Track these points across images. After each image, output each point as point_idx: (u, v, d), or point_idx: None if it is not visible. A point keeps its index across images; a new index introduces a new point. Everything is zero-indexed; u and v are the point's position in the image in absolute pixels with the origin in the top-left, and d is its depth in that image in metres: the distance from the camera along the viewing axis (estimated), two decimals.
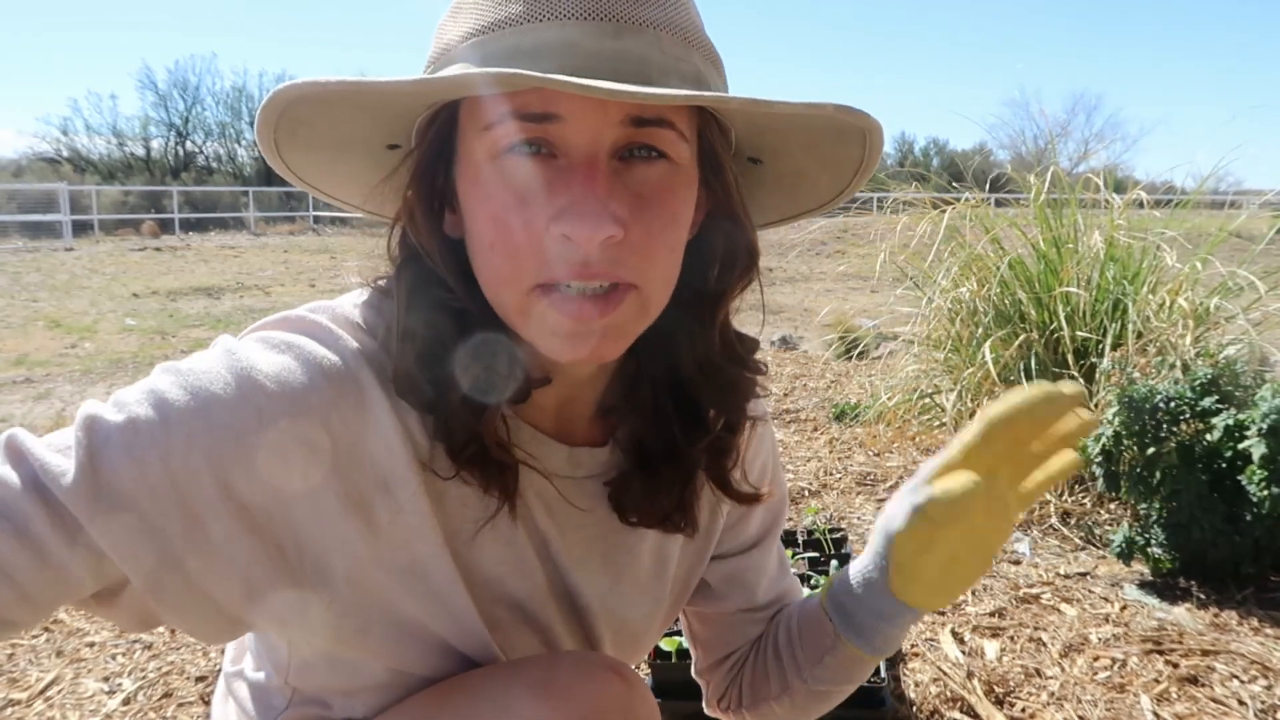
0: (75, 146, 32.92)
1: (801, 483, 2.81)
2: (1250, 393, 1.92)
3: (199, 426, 0.54)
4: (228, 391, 0.55)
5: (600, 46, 0.54)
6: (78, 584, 0.54)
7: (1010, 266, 2.97)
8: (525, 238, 0.56)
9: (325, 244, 18.46)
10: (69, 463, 0.52)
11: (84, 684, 1.68)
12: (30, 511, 0.52)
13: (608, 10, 0.55)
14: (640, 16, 0.56)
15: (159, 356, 6.45)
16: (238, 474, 0.54)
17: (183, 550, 0.54)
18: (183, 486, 0.53)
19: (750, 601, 0.88)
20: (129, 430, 0.53)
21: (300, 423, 0.56)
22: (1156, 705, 1.50)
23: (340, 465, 0.58)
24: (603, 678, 0.66)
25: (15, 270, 12.39)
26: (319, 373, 0.57)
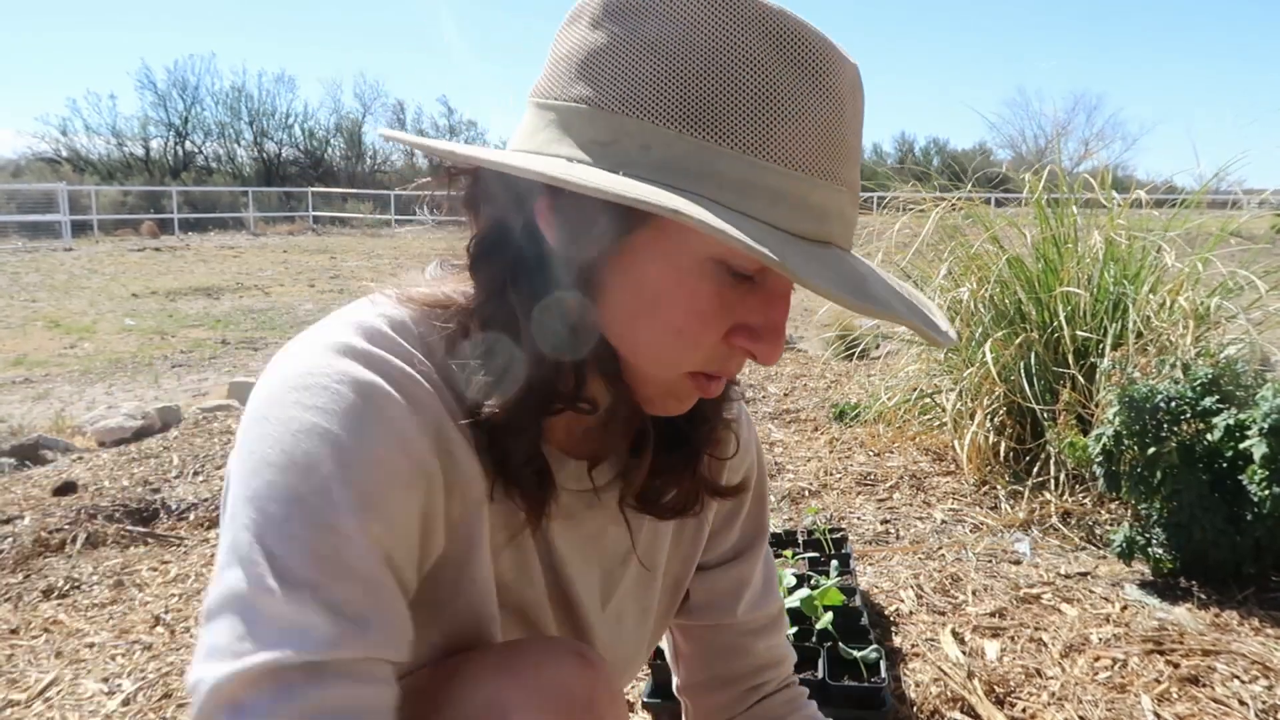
0: (74, 146, 32.97)
1: (802, 483, 2.81)
2: (1251, 392, 1.92)
3: (354, 486, 0.55)
4: (370, 482, 0.55)
5: (847, 214, 0.59)
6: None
7: (1009, 265, 2.97)
8: (712, 338, 0.60)
9: (325, 244, 18.45)
10: (307, 622, 0.52)
11: (83, 685, 1.67)
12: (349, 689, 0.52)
13: (844, 176, 0.58)
14: (853, 183, 0.59)
15: (158, 356, 6.44)
16: (395, 512, 0.57)
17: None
18: (383, 541, 0.56)
19: (731, 616, 0.90)
20: (324, 561, 0.53)
21: (414, 465, 0.58)
22: (1157, 705, 1.49)
23: (445, 492, 0.61)
24: (566, 660, 0.67)
25: (14, 270, 12.38)
26: (412, 429, 0.58)
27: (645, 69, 0.55)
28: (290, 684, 0.50)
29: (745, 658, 0.92)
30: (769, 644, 0.94)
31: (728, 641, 0.91)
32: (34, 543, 2.35)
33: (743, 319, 0.60)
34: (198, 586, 2.12)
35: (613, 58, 0.56)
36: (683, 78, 0.54)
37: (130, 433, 3.73)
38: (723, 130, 0.54)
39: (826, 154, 0.56)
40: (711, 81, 0.54)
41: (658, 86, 0.54)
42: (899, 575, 2.06)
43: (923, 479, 2.79)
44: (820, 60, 0.55)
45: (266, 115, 36.16)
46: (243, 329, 7.70)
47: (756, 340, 0.60)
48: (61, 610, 2.01)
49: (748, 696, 0.93)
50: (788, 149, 0.54)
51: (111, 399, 5.06)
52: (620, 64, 0.56)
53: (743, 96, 0.54)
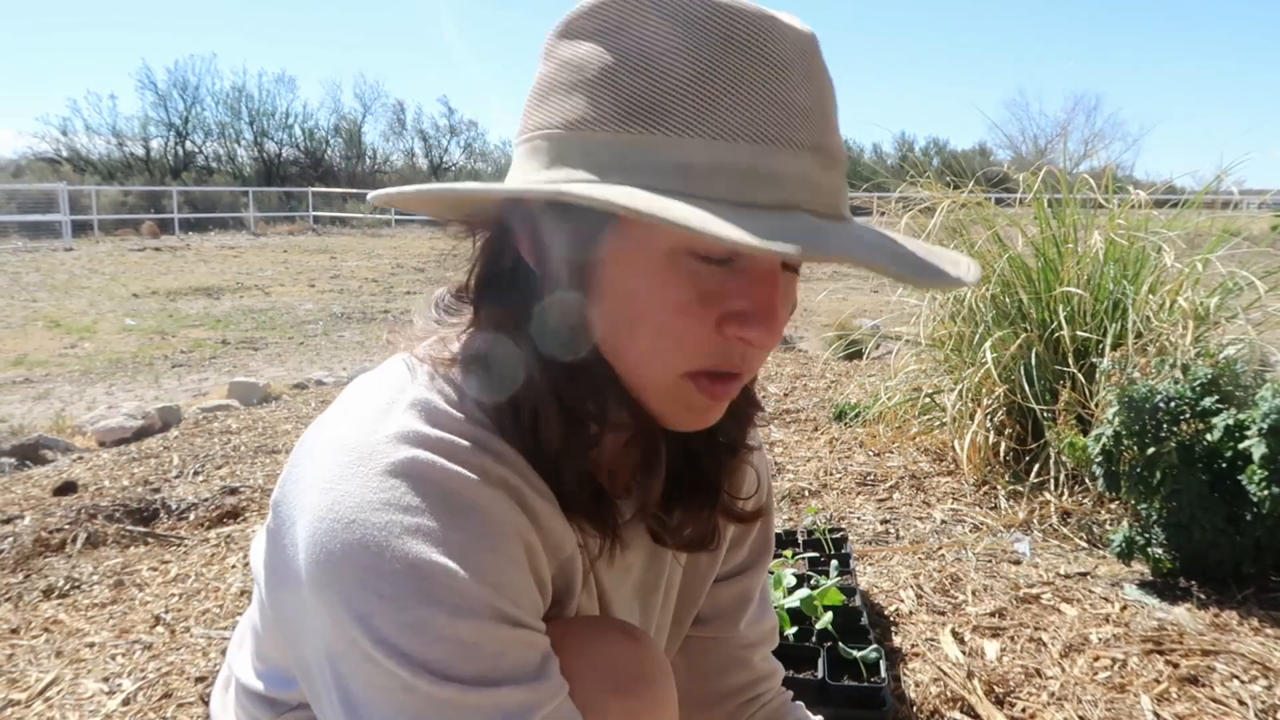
0: (75, 146, 32.91)
1: (801, 483, 2.81)
2: (1250, 392, 1.92)
3: (479, 599, 0.56)
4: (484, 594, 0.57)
5: (823, 181, 0.56)
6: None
7: (1010, 264, 2.97)
8: (698, 332, 0.58)
9: (325, 244, 18.45)
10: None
11: (83, 684, 1.67)
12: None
13: (821, 143, 0.56)
14: (837, 151, 0.58)
15: (158, 356, 6.44)
16: (514, 611, 0.59)
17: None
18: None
19: (733, 629, 0.91)
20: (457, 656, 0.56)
21: (520, 559, 0.60)
22: (1157, 705, 1.50)
23: (544, 555, 0.63)
24: (615, 635, 0.70)
25: (15, 270, 12.38)
26: (501, 525, 0.59)
27: (583, 87, 0.57)
28: None
29: (745, 671, 0.94)
30: (764, 656, 0.95)
31: (730, 655, 0.93)
32: (34, 542, 2.35)
33: (729, 306, 0.58)
34: (198, 586, 2.13)
35: (556, 85, 0.58)
36: (616, 81, 0.55)
37: (130, 432, 3.73)
38: (657, 119, 0.54)
39: (773, 120, 0.54)
40: (641, 77, 0.55)
41: (594, 99, 0.56)
42: (899, 575, 2.06)
43: (923, 479, 2.79)
44: (752, 31, 0.55)
45: (267, 115, 36.16)
46: (243, 329, 7.70)
47: (746, 324, 0.58)
48: (62, 610, 2.01)
49: (746, 709, 0.95)
50: (726, 122, 0.53)
51: (112, 399, 5.06)
52: (562, 88, 0.58)
53: (673, 82, 0.54)
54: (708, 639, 0.91)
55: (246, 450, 3.43)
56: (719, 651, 0.92)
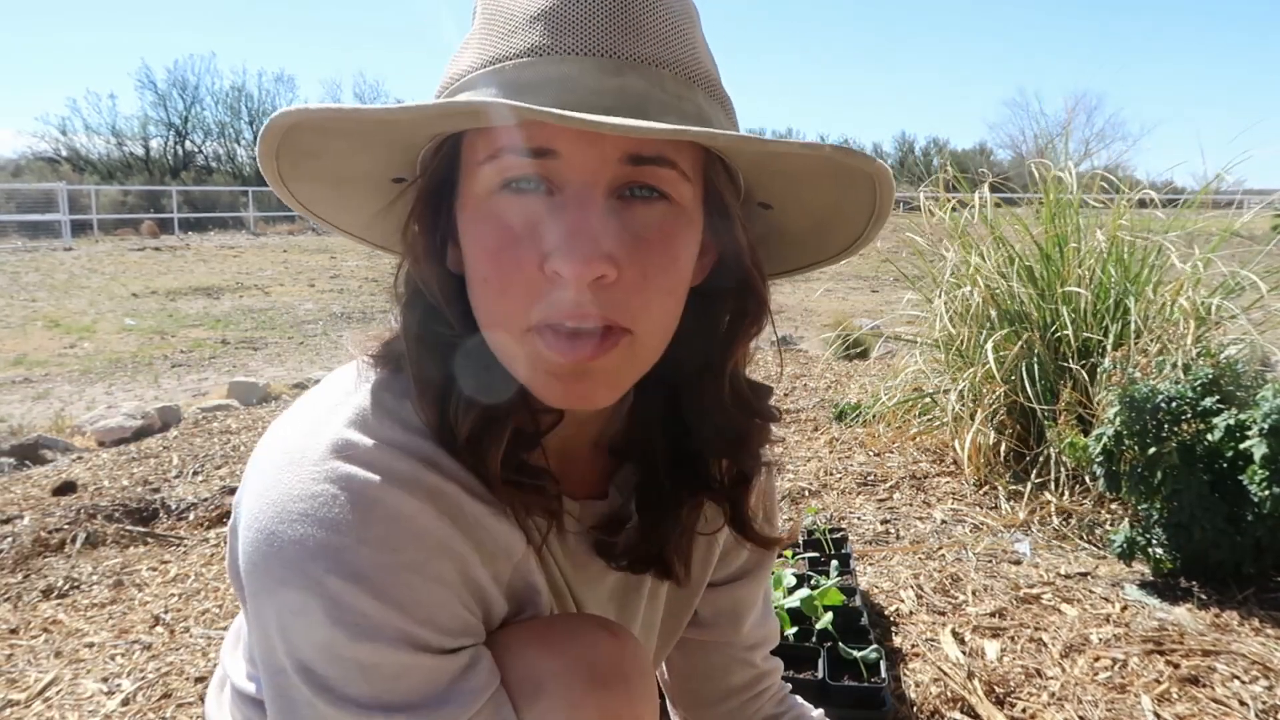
0: (74, 146, 32.91)
1: (802, 483, 2.81)
2: (1251, 393, 1.92)
3: (401, 610, 0.56)
4: (395, 585, 0.56)
5: (601, 83, 0.54)
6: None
7: (1012, 264, 2.97)
8: (519, 275, 0.55)
9: (324, 244, 18.45)
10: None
11: (83, 685, 1.67)
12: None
13: (609, 47, 0.55)
14: (642, 54, 0.56)
15: (158, 356, 6.44)
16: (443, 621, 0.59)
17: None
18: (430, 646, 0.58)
19: (735, 633, 0.91)
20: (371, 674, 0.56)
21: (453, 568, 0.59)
22: (1157, 706, 1.49)
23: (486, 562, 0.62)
24: (596, 632, 0.68)
25: (14, 270, 12.38)
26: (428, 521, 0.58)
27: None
28: None
29: (748, 669, 0.95)
30: (764, 654, 0.96)
31: (734, 656, 0.93)
32: (33, 542, 2.35)
33: (543, 240, 0.54)
34: (197, 586, 2.12)
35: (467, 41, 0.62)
36: (465, 42, 0.61)
37: (130, 432, 3.73)
38: (480, 57, 0.58)
39: (540, 34, 0.56)
40: (486, 27, 0.59)
41: (456, 57, 0.62)
42: (899, 575, 2.06)
43: (923, 479, 2.79)
44: None
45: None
46: (243, 329, 7.70)
47: (561, 255, 0.53)
48: (61, 610, 2.01)
49: (749, 705, 0.96)
50: (503, 46, 0.57)
51: (111, 399, 5.06)
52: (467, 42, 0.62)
53: (489, 16, 0.59)
54: (709, 642, 0.92)
55: (246, 450, 3.42)
56: (723, 653, 0.93)
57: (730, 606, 0.90)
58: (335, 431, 0.58)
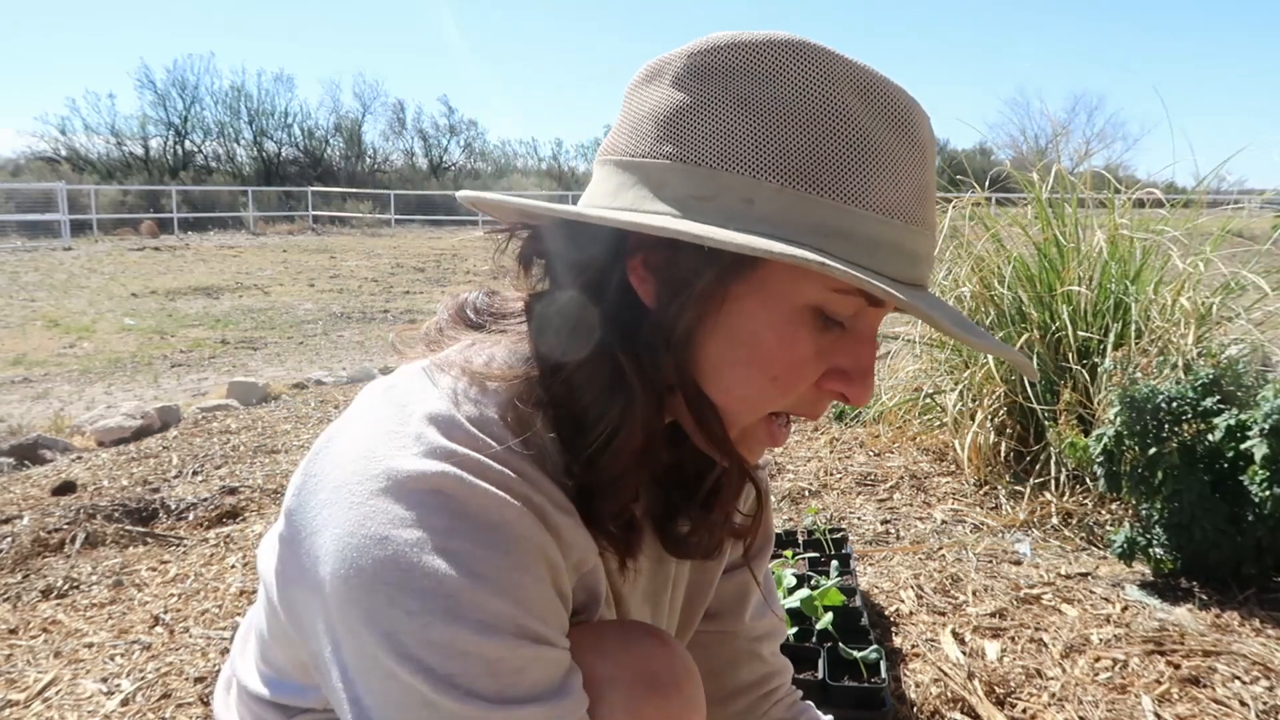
0: (73, 146, 32.90)
1: (802, 483, 2.81)
2: (1252, 393, 1.92)
3: (500, 616, 0.57)
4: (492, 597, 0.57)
5: (931, 257, 0.62)
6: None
7: (1011, 265, 2.97)
8: (807, 383, 0.63)
9: (324, 244, 18.45)
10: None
11: (82, 685, 1.67)
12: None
13: (932, 222, 0.61)
14: (936, 226, 0.63)
15: (157, 356, 6.44)
16: (538, 630, 0.59)
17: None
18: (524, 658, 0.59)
19: (739, 622, 0.92)
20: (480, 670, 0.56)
21: (544, 575, 0.60)
22: (1158, 706, 1.49)
23: (570, 572, 0.64)
24: (647, 640, 0.71)
25: (13, 270, 12.38)
26: (525, 542, 0.59)
27: (740, 126, 0.57)
28: None
29: (757, 664, 0.95)
30: (774, 650, 0.97)
31: (740, 648, 0.94)
32: (33, 542, 2.35)
33: (835, 363, 0.62)
34: (197, 587, 2.12)
35: (704, 115, 0.58)
36: (779, 133, 0.56)
37: (129, 432, 3.73)
38: (822, 183, 0.56)
39: (916, 201, 0.59)
40: (807, 136, 0.56)
41: (754, 142, 0.56)
42: (899, 575, 2.06)
43: (923, 479, 2.79)
44: (905, 112, 0.59)
45: (266, 114, 36.13)
46: (242, 329, 7.70)
47: (850, 383, 0.62)
48: (60, 610, 2.01)
49: (760, 704, 0.96)
50: (883, 198, 0.57)
51: (111, 398, 5.06)
52: (713, 121, 0.57)
53: (839, 149, 0.56)
54: (715, 633, 0.93)
55: (246, 450, 3.42)
56: (729, 645, 0.94)
57: (733, 592, 0.91)
58: (427, 437, 0.58)
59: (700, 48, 0.59)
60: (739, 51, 0.58)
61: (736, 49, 0.58)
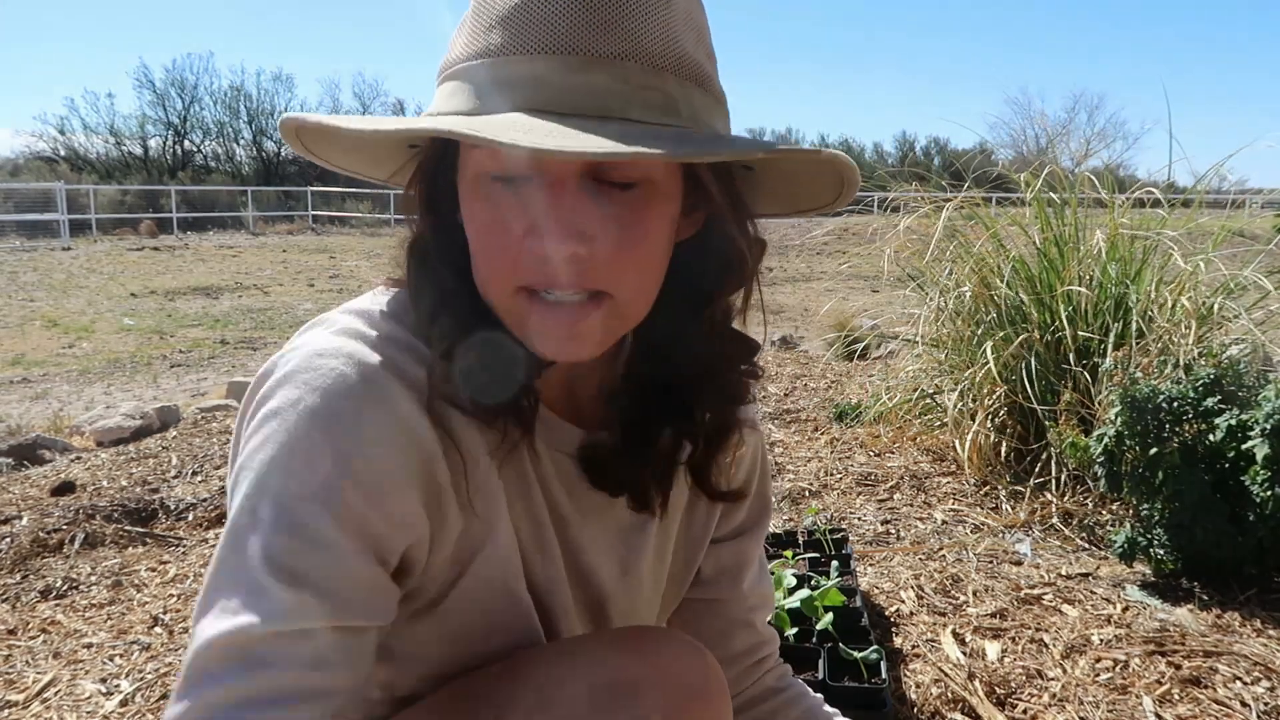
0: (72, 145, 32.86)
1: (802, 483, 2.80)
2: (1253, 393, 1.92)
3: (346, 490, 0.59)
4: (346, 454, 0.60)
5: (566, 80, 0.59)
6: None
7: (1011, 265, 2.97)
8: (505, 248, 0.62)
9: (324, 243, 18.44)
10: (269, 591, 0.57)
11: (81, 685, 1.67)
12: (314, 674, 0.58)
13: (576, 44, 0.59)
14: (607, 49, 0.59)
15: (157, 356, 6.43)
16: (394, 510, 0.61)
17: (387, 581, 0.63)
18: (372, 539, 0.61)
19: (734, 590, 0.93)
20: (298, 537, 0.58)
21: (412, 450, 0.62)
22: (1159, 707, 1.49)
23: (451, 466, 0.64)
24: (683, 646, 0.73)
25: (12, 269, 12.37)
26: (409, 410, 0.62)
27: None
28: (247, 660, 0.56)
29: (750, 633, 0.96)
30: (763, 617, 0.99)
31: (735, 617, 0.95)
32: (32, 543, 2.34)
33: (530, 220, 0.61)
34: (196, 587, 2.12)
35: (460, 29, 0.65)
36: (467, 23, 0.64)
37: (129, 432, 3.73)
38: (471, 51, 0.62)
39: (512, 32, 0.60)
40: (474, 12, 0.63)
41: (452, 40, 0.65)
42: (899, 576, 2.06)
43: (923, 479, 2.79)
44: None
45: (265, 114, 36.12)
46: (242, 329, 7.69)
47: (538, 237, 0.60)
48: (59, 610, 2.01)
49: (752, 672, 0.97)
50: (486, 43, 0.61)
51: (110, 399, 5.05)
52: (461, 32, 0.65)
53: (479, 12, 0.63)
54: (712, 600, 0.94)
55: None
56: (724, 614, 0.95)
57: (732, 562, 0.92)
58: (348, 321, 0.68)
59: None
60: None
61: None
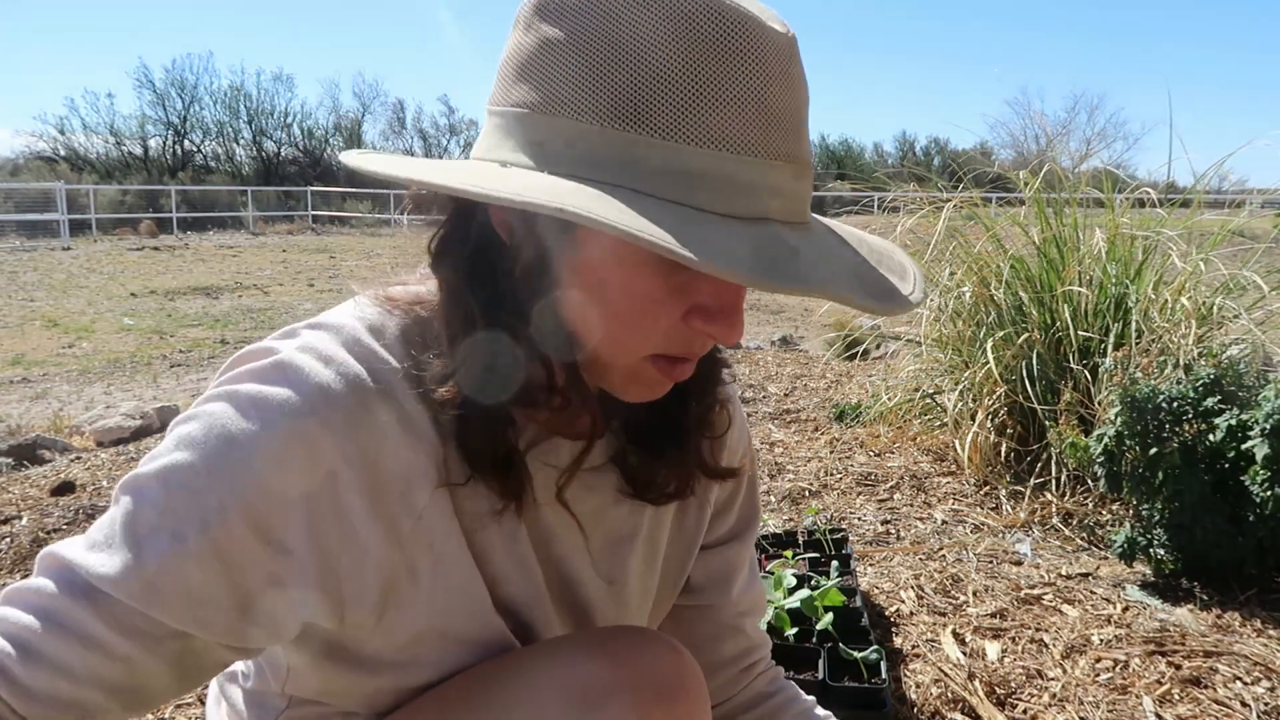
0: (72, 145, 32.82)
1: (802, 483, 2.80)
2: (1253, 393, 1.92)
3: (228, 493, 0.57)
4: (246, 456, 0.57)
5: (794, 189, 0.57)
6: (152, 669, 0.59)
7: (1011, 265, 2.97)
8: (665, 323, 0.60)
9: (324, 243, 18.44)
10: (114, 559, 0.57)
11: None
12: (84, 616, 0.57)
13: (798, 153, 0.57)
14: (808, 158, 0.59)
15: (157, 356, 6.43)
16: (275, 525, 0.58)
17: (243, 605, 0.59)
18: (227, 553, 0.57)
19: (725, 597, 0.92)
20: (164, 513, 0.57)
21: (317, 467, 0.59)
22: (1159, 707, 1.49)
23: (365, 488, 0.60)
24: (658, 646, 0.71)
25: (12, 269, 12.37)
26: (320, 410, 0.59)
27: (568, 67, 0.56)
28: (64, 589, 0.58)
29: (739, 638, 0.95)
30: (753, 623, 0.97)
31: (724, 622, 0.94)
32: (32, 543, 2.34)
33: (697, 300, 0.59)
34: None
35: (540, 59, 0.57)
36: (601, 72, 0.55)
37: (129, 432, 3.72)
38: (640, 119, 0.54)
39: (752, 129, 0.54)
40: (626, 71, 0.54)
41: (578, 83, 0.55)
42: (899, 576, 2.06)
43: (923, 479, 2.79)
44: (738, 35, 0.54)
45: (265, 114, 36.11)
46: (242, 328, 7.69)
47: (712, 321, 0.60)
48: None
49: (742, 677, 0.96)
50: (708, 129, 0.54)
51: (110, 399, 5.05)
52: (546, 65, 0.57)
53: (658, 84, 0.54)
54: (702, 607, 0.93)
55: None
56: (713, 620, 0.94)
57: (721, 568, 0.91)
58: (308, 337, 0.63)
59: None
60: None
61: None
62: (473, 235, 0.63)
